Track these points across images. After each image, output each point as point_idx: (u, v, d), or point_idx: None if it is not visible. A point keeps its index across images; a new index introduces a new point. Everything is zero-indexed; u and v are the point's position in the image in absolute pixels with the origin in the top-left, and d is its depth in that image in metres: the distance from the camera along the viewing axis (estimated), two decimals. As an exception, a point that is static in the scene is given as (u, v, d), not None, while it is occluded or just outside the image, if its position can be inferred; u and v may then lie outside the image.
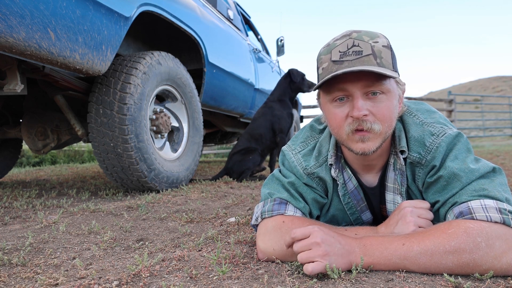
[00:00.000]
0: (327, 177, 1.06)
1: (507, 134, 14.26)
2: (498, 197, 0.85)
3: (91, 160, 7.25)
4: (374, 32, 0.93)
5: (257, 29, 4.88)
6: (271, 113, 3.33)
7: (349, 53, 0.89)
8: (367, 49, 0.88)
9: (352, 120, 0.90)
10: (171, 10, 2.33)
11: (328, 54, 0.92)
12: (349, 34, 0.91)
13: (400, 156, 0.97)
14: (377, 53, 0.88)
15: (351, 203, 1.08)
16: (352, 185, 1.06)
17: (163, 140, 2.49)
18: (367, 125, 0.89)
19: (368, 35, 0.91)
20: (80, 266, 0.99)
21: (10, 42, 1.37)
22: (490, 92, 38.06)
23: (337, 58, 0.89)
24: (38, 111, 2.48)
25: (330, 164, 1.04)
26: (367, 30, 0.93)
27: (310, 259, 0.82)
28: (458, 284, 0.77)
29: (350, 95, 0.90)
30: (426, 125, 0.98)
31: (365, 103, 0.89)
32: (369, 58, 0.87)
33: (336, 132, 0.96)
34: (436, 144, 0.94)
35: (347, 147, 0.95)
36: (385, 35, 0.94)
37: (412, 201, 0.97)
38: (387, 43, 0.92)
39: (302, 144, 1.12)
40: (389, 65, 0.89)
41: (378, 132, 0.91)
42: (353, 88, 0.89)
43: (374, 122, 0.90)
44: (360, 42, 0.89)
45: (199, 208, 1.84)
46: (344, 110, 0.91)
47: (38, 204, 1.97)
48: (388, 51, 0.90)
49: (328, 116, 0.97)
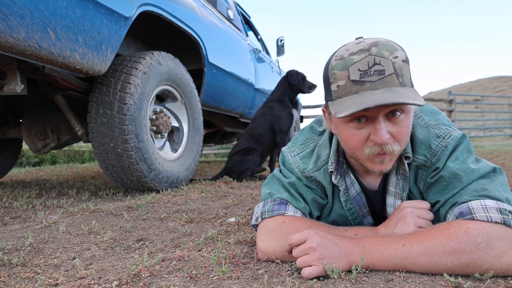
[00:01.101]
0: (325, 182, 1.05)
1: (507, 134, 14.26)
2: (498, 197, 0.85)
3: (91, 160, 7.25)
4: (391, 43, 0.87)
5: (257, 29, 4.88)
6: (271, 113, 3.33)
7: (370, 72, 0.82)
8: (389, 68, 0.82)
9: (373, 144, 0.87)
10: (171, 10, 2.33)
11: (345, 70, 0.85)
12: (367, 49, 0.84)
13: (405, 162, 0.96)
14: (398, 70, 0.83)
15: (354, 208, 1.07)
16: (355, 191, 1.05)
17: (163, 140, 2.49)
18: (388, 149, 0.87)
19: (388, 49, 0.84)
20: (80, 266, 0.99)
21: (10, 42, 1.37)
22: (490, 92, 38.07)
23: (357, 77, 0.83)
24: (38, 111, 2.48)
25: (330, 171, 1.03)
26: (384, 41, 0.86)
27: (307, 263, 0.82)
28: (458, 284, 0.77)
29: (371, 117, 0.86)
30: (431, 127, 0.97)
31: (386, 125, 0.85)
32: (392, 78, 0.82)
33: (353, 152, 0.93)
34: (442, 146, 0.93)
35: (363, 165, 0.94)
36: (401, 46, 0.88)
37: (412, 202, 0.97)
38: (405, 56, 0.86)
39: (302, 146, 1.11)
40: (409, 82, 0.85)
41: (397, 153, 0.90)
42: (376, 113, 0.84)
43: (394, 143, 0.87)
44: (382, 59, 0.83)
45: (199, 208, 1.84)
46: (364, 132, 0.87)
47: (38, 204, 1.97)
48: (407, 66, 0.85)
49: (343, 135, 0.93)
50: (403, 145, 0.90)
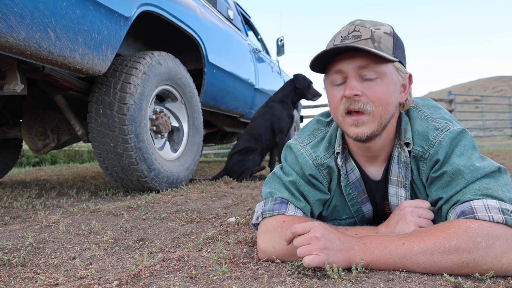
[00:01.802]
0: (336, 167, 1.07)
1: (507, 134, 14.26)
2: (501, 197, 0.85)
3: (91, 160, 7.25)
4: (380, 22, 0.95)
5: (257, 29, 4.88)
6: (271, 113, 3.33)
7: (348, 37, 0.92)
8: (366, 34, 0.91)
9: (345, 100, 0.92)
10: (171, 10, 2.33)
11: (332, 40, 0.96)
12: (353, 22, 0.95)
13: (405, 149, 0.98)
14: (376, 38, 0.91)
15: (352, 194, 1.08)
16: (354, 177, 1.06)
17: (163, 140, 2.49)
18: (358, 105, 0.91)
19: (372, 23, 0.94)
20: (80, 266, 0.99)
21: (10, 42, 1.37)
22: (490, 92, 38.07)
23: (338, 42, 0.93)
24: (38, 111, 2.48)
25: (336, 153, 1.04)
26: (375, 20, 0.95)
27: (309, 252, 0.82)
28: (458, 284, 0.77)
29: (346, 77, 0.93)
30: (431, 119, 0.98)
31: (358, 84, 0.91)
32: (367, 42, 0.90)
33: (333, 114, 1.00)
34: (439, 138, 0.94)
35: (343, 130, 0.98)
36: (391, 26, 0.96)
37: (412, 201, 0.97)
38: (390, 30, 0.94)
39: (310, 137, 1.12)
40: (388, 51, 0.91)
41: (371, 113, 0.92)
42: (347, 68, 0.92)
43: (366, 103, 0.91)
44: (361, 28, 0.92)
45: (199, 208, 1.84)
46: (340, 91, 0.94)
47: (38, 204, 1.97)
48: (390, 38, 0.92)
49: (328, 99, 1.01)
50: (380, 109, 0.92)
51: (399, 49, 0.95)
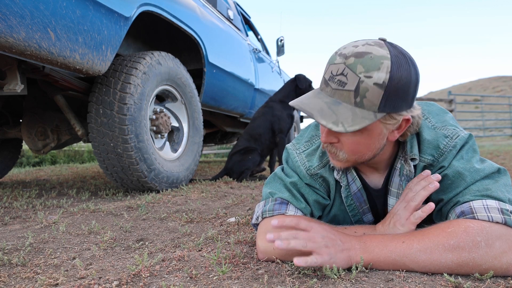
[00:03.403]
0: (330, 178, 1.04)
1: (507, 134, 14.26)
2: (501, 198, 0.85)
3: (91, 160, 7.25)
4: (379, 61, 0.80)
5: (257, 29, 4.88)
6: (271, 113, 3.33)
7: (335, 79, 0.83)
8: (352, 83, 0.81)
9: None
10: (171, 10, 2.33)
11: (328, 66, 0.87)
12: (348, 56, 0.82)
13: (411, 164, 0.96)
14: (361, 91, 0.80)
15: (354, 204, 1.06)
16: (356, 187, 1.04)
17: (163, 140, 2.49)
18: (333, 150, 0.92)
19: (366, 66, 0.80)
20: (80, 266, 0.99)
21: (10, 42, 1.37)
22: (490, 92, 38.07)
23: (327, 77, 0.86)
24: (38, 111, 2.48)
25: (332, 167, 1.02)
26: (374, 55, 0.81)
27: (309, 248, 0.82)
28: (458, 284, 0.77)
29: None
30: (438, 129, 0.97)
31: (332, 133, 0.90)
32: (348, 95, 0.82)
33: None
34: (450, 146, 0.93)
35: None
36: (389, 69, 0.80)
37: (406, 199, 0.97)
38: (383, 80, 0.79)
39: (307, 144, 1.10)
40: (373, 106, 0.81)
41: (343, 160, 0.92)
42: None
43: (341, 149, 0.91)
44: (350, 73, 0.81)
45: (199, 208, 1.84)
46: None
47: (38, 204, 1.97)
48: (379, 91, 0.80)
49: None
50: (355, 157, 0.91)
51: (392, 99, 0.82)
